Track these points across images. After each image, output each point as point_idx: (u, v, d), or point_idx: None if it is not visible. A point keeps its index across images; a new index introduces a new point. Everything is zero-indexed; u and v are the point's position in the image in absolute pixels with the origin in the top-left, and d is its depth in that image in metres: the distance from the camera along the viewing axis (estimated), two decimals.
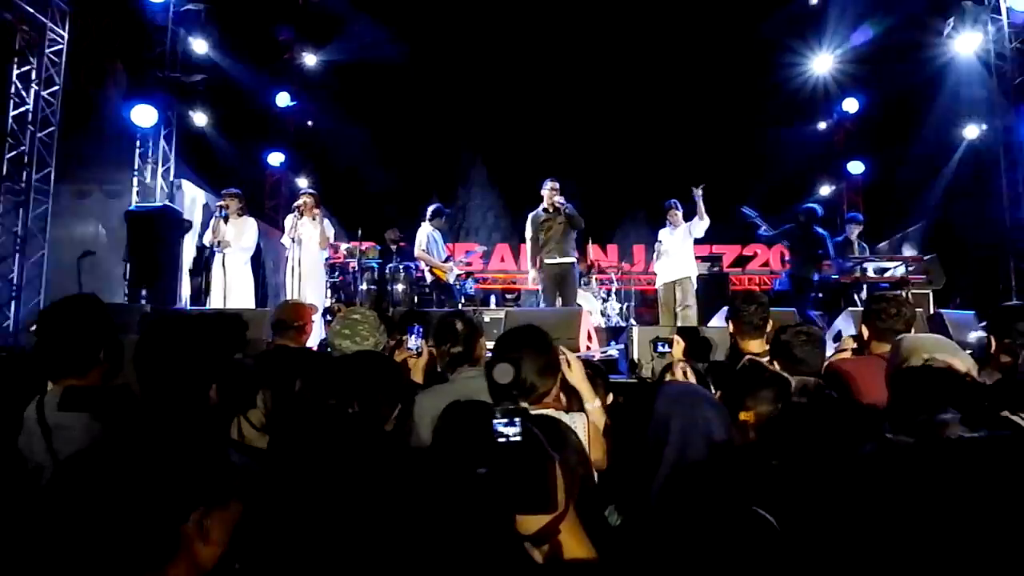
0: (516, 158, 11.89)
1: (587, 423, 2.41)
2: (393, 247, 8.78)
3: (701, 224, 7.91)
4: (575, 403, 2.59)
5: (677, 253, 8.06)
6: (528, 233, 7.58)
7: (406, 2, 11.11)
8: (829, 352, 3.90)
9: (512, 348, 2.38)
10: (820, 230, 8.19)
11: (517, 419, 1.28)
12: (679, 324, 7.24)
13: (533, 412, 2.21)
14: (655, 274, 8.43)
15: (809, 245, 8.17)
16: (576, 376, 2.59)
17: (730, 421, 2.01)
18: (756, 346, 3.63)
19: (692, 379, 2.67)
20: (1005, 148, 9.48)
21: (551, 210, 7.40)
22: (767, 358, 3.29)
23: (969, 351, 2.90)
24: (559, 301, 7.39)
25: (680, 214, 8.18)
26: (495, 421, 1.28)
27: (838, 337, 5.41)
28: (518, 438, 1.28)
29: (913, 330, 3.24)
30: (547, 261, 7.38)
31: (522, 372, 2.27)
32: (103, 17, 9.02)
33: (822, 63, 11.77)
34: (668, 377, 2.83)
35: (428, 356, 3.19)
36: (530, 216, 7.57)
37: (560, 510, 1.23)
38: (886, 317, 3.15)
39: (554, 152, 11.36)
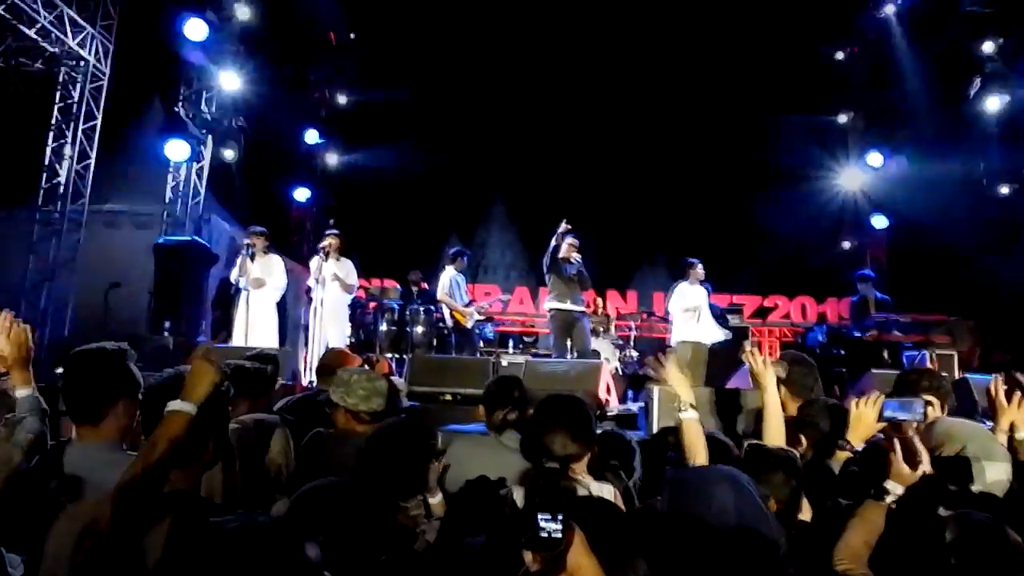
0: (536, 199, 11.98)
1: (615, 493, 2.41)
2: (414, 288, 8.83)
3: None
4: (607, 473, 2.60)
5: (705, 314, 8.06)
6: (552, 279, 7.68)
7: (431, 44, 11.35)
8: None
9: (556, 419, 2.39)
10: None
11: (560, 516, 1.28)
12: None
13: (579, 493, 2.21)
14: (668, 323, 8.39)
15: None
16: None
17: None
18: (793, 410, 3.62)
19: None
20: None
21: (572, 262, 7.59)
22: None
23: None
24: (569, 343, 7.51)
25: (701, 270, 8.18)
26: (539, 515, 1.28)
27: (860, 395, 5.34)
28: (559, 535, 1.29)
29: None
30: (560, 307, 7.52)
31: (562, 445, 2.29)
32: (143, 53, 9.31)
33: (844, 118, 11.87)
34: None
35: None
36: (557, 260, 7.65)
37: None
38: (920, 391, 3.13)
39: (574, 195, 11.44)
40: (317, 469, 2.52)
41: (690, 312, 8.00)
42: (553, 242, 7.62)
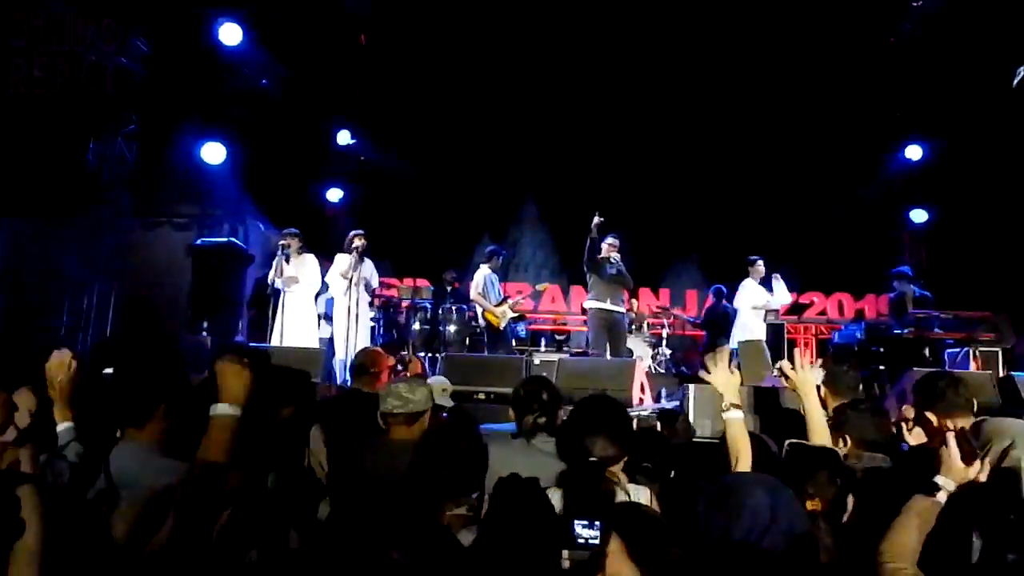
0: (567, 198, 11.95)
1: (650, 496, 2.39)
2: (448, 288, 8.87)
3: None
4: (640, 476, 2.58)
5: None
6: (592, 279, 7.85)
7: (463, 42, 11.37)
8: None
9: (596, 421, 2.39)
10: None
11: (597, 523, 1.28)
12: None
13: (618, 500, 2.21)
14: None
15: None
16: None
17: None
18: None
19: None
20: None
21: (612, 262, 7.74)
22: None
23: None
24: (608, 346, 7.52)
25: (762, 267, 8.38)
26: (575, 522, 1.28)
27: (902, 397, 5.24)
28: (596, 541, 1.28)
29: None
30: (600, 306, 7.53)
31: (602, 448, 2.29)
32: (180, 58, 9.49)
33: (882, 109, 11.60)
34: None
35: None
36: (597, 259, 7.79)
37: None
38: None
39: (605, 193, 11.36)
40: (356, 472, 2.55)
41: (758, 310, 8.12)
42: (590, 240, 7.65)
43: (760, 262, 8.34)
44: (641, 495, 2.31)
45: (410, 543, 1.87)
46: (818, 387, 3.56)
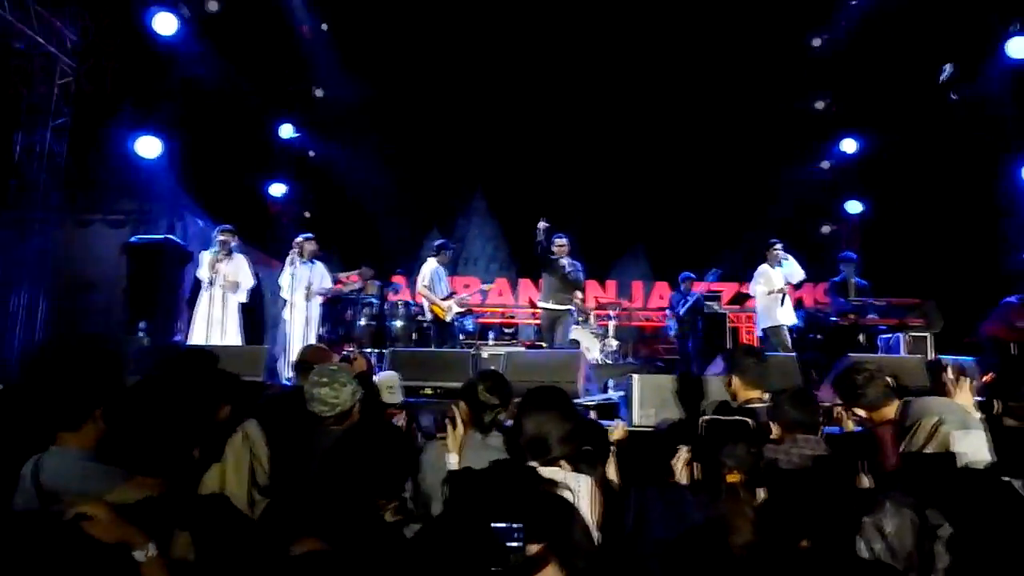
0: (516, 190, 11.98)
1: (591, 485, 2.42)
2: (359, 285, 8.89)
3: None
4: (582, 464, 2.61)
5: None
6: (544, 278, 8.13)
7: (408, 36, 11.26)
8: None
9: (540, 411, 2.40)
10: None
11: (519, 527, 1.27)
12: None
13: (544, 474, 2.24)
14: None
15: None
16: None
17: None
18: (756, 396, 3.68)
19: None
20: (1004, 193, 9.62)
21: (562, 262, 7.94)
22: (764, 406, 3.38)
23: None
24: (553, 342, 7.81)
25: (781, 252, 8.31)
26: (498, 526, 1.27)
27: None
28: (519, 545, 1.27)
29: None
30: (547, 306, 7.94)
31: (547, 438, 2.31)
32: (112, 48, 9.15)
33: (820, 104, 11.97)
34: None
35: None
36: (548, 260, 7.99)
37: None
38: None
39: (554, 187, 11.45)
40: (295, 466, 2.51)
41: (774, 295, 8.12)
42: (539, 239, 7.77)
43: (778, 246, 8.30)
44: (582, 483, 2.34)
45: (348, 536, 1.85)
46: (728, 380, 3.69)
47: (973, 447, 2.48)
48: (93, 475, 2.02)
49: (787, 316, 8.19)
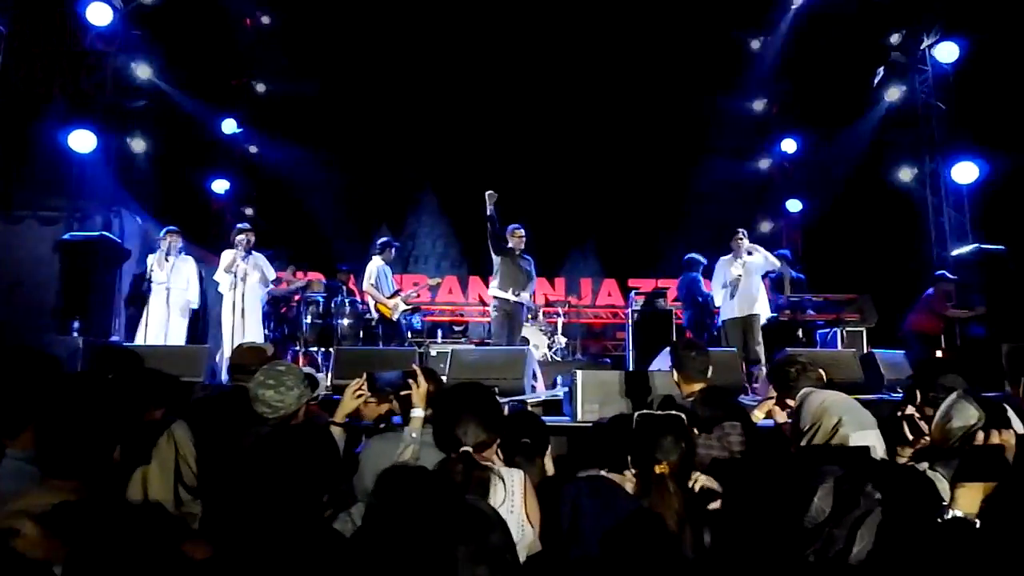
0: (465, 188, 11.95)
1: (523, 479, 2.43)
2: (343, 287, 8.74)
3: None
4: (519, 458, 2.63)
5: (746, 285, 7.76)
6: (499, 266, 7.71)
7: (355, 30, 11.13)
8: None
9: (465, 409, 2.40)
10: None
11: None
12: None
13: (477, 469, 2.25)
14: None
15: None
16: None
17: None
18: (698, 389, 3.76)
19: None
20: (932, 191, 10.02)
21: (517, 253, 7.72)
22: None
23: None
24: (507, 337, 7.56)
25: (745, 242, 7.86)
26: None
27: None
28: None
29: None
30: (503, 296, 7.61)
31: (468, 433, 2.31)
32: (41, 40, 8.80)
33: (760, 105, 12.30)
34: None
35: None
36: (504, 249, 7.72)
37: None
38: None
39: (503, 184, 11.43)
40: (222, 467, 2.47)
41: (727, 288, 7.80)
42: (488, 218, 7.59)
43: (738, 234, 7.88)
44: (515, 477, 2.35)
45: (285, 535, 1.82)
46: (674, 379, 3.76)
47: (869, 444, 2.57)
48: (27, 477, 1.97)
49: (751, 307, 7.71)
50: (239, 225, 7.50)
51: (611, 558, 2.03)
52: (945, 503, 1.96)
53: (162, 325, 6.83)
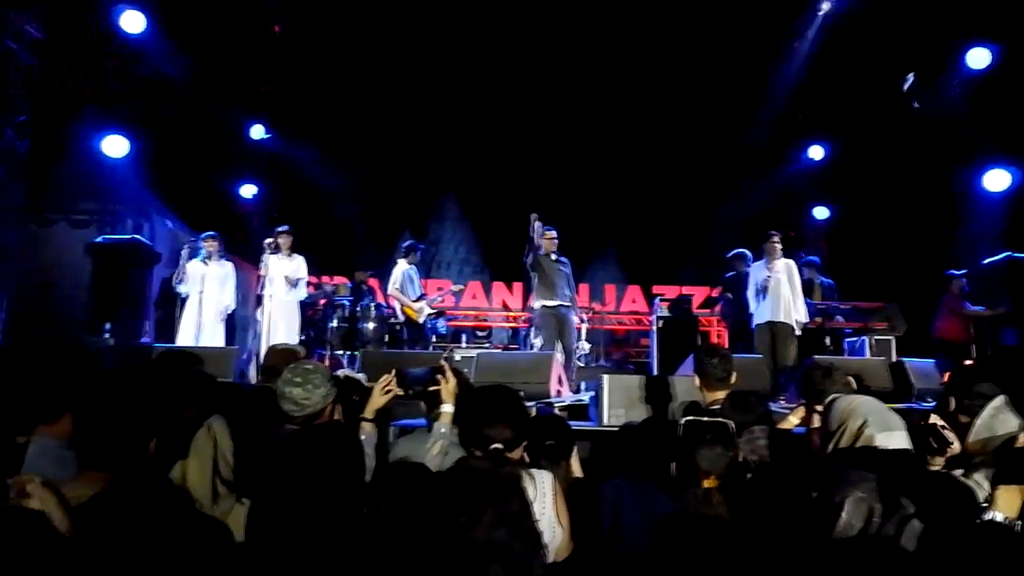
0: (489, 195, 12.00)
1: (553, 481, 2.41)
2: (364, 287, 8.77)
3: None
4: (543, 460, 2.62)
5: (775, 292, 7.43)
6: (535, 278, 7.52)
7: (383, 36, 11.21)
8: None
9: (493, 410, 2.40)
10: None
11: None
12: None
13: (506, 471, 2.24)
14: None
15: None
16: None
17: None
18: (722, 396, 3.72)
19: None
20: (962, 199, 9.87)
21: (553, 258, 7.56)
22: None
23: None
24: (559, 343, 7.33)
25: (779, 245, 7.51)
26: None
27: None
28: None
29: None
30: (545, 303, 7.41)
31: (498, 431, 2.31)
32: (74, 46, 8.98)
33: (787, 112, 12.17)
34: None
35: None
36: (538, 256, 7.53)
37: None
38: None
39: (526, 191, 11.46)
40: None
41: (759, 295, 7.50)
42: (530, 239, 7.45)
43: (774, 238, 7.54)
44: (546, 479, 2.34)
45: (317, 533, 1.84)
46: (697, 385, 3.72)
47: (894, 447, 2.53)
48: (71, 463, 2.02)
49: (782, 313, 7.37)
50: (278, 228, 7.78)
51: (655, 557, 2.00)
52: (984, 504, 1.93)
53: (196, 327, 6.93)
